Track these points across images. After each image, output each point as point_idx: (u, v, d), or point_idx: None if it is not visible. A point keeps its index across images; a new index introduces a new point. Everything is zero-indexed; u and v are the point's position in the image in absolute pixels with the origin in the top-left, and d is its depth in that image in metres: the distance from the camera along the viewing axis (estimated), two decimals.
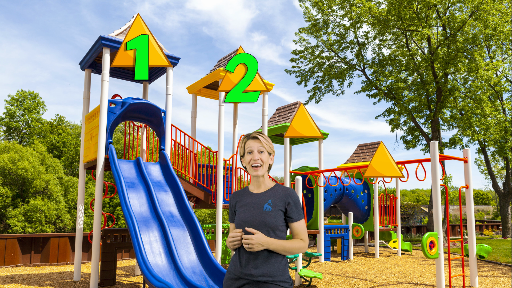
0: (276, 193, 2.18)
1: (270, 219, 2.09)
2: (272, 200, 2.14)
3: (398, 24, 14.78)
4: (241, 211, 2.16)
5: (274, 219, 2.10)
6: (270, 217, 2.09)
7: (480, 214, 45.90)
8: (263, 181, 2.22)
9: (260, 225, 2.08)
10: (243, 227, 2.11)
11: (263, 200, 2.15)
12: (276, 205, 2.13)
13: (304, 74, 17.95)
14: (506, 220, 17.14)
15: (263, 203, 2.14)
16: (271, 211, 2.11)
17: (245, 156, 2.21)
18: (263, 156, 2.17)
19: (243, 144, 2.24)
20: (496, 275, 7.86)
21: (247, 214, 2.13)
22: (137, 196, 5.85)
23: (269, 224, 2.08)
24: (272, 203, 2.13)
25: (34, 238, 9.08)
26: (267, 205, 2.12)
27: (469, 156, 7.04)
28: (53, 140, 37.25)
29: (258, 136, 2.19)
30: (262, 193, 2.19)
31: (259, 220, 2.09)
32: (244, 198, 2.22)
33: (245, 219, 2.12)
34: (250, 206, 2.16)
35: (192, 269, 5.06)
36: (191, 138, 8.13)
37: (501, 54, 17.97)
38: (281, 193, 2.17)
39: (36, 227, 25.30)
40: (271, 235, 2.08)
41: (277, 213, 2.11)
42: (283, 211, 2.14)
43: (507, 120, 15.21)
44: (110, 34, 6.76)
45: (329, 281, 7.06)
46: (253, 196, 2.20)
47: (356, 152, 12.47)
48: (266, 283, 2.03)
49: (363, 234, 10.30)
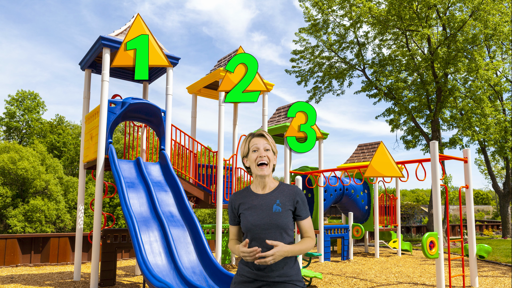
0: (283, 192, 2.10)
1: (281, 221, 2.02)
2: (281, 200, 2.06)
3: (398, 24, 14.78)
4: (248, 214, 2.06)
5: (285, 219, 2.03)
6: (281, 218, 2.02)
7: (480, 214, 45.91)
8: (269, 181, 2.12)
9: (271, 227, 2.01)
10: (253, 231, 2.01)
11: (270, 201, 2.06)
12: (285, 205, 2.05)
13: (304, 74, 17.95)
14: (506, 220, 17.14)
15: (271, 204, 2.05)
16: (281, 212, 2.03)
17: (249, 155, 2.09)
18: (269, 154, 2.09)
19: (247, 142, 2.12)
20: (496, 275, 7.86)
21: (256, 217, 2.02)
22: (137, 196, 5.85)
23: (281, 226, 2.01)
24: (281, 203, 2.06)
25: (34, 238, 9.08)
26: (276, 206, 2.05)
27: (469, 156, 7.04)
28: (53, 140, 37.25)
29: (264, 134, 2.12)
30: (269, 194, 2.09)
31: (270, 222, 2.01)
32: (249, 199, 2.10)
33: (254, 222, 2.02)
34: (257, 208, 2.05)
35: (192, 269, 5.06)
36: (191, 138, 8.13)
37: (501, 54, 17.97)
38: (288, 192, 2.10)
39: (36, 227, 25.30)
40: (283, 236, 2.03)
41: (287, 213, 2.04)
42: (292, 210, 2.07)
43: (507, 120, 15.21)
44: (110, 34, 6.76)
45: (329, 281, 7.06)
46: (259, 197, 2.09)
47: (356, 152, 12.47)
48: (284, 283, 2.00)
49: (363, 234, 10.30)
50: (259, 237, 2.00)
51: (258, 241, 2.00)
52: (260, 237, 2.00)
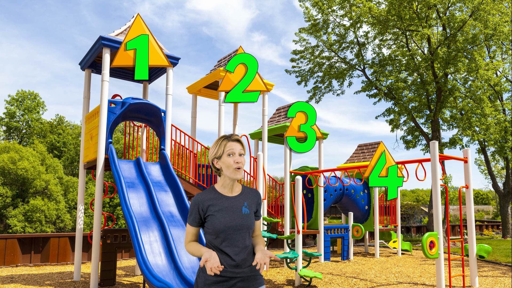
0: (248, 195, 2.28)
1: (250, 222, 2.20)
2: (248, 203, 2.24)
3: (398, 24, 14.78)
4: (219, 215, 2.15)
5: (252, 221, 2.23)
6: (250, 219, 2.21)
7: (480, 214, 45.91)
8: (236, 184, 2.28)
9: (243, 228, 2.16)
10: (226, 232, 2.13)
11: (239, 203, 2.22)
12: (251, 207, 2.25)
13: (304, 74, 17.94)
14: (506, 220, 17.14)
15: (240, 206, 2.21)
16: (249, 214, 2.21)
17: (223, 158, 2.19)
18: (243, 160, 2.22)
19: (221, 145, 2.21)
20: (496, 275, 7.86)
21: (228, 219, 2.14)
22: (137, 196, 5.85)
23: (250, 226, 2.20)
24: (248, 205, 2.24)
25: (34, 238, 9.08)
26: (245, 208, 2.21)
27: (469, 156, 7.04)
28: (53, 140, 37.25)
29: (239, 139, 2.25)
30: (237, 196, 2.25)
31: (241, 223, 2.16)
32: (219, 201, 2.19)
33: (227, 223, 2.13)
34: (229, 210, 2.17)
35: (192, 269, 5.06)
36: (191, 138, 8.13)
37: (501, 54, 17.97)
38: (253, 195, 2.29)
39: (36, 227, 25.31)
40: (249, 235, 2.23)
41: (252, 215, 2.25)
42: (254, 212, 2.28)
43: (507, 120, 15.21)
44: (110, 34, 6.76)
45: (329, 281, 7.06)
46: (229, 199, 2.22)
47: (356, 152, 12.47)
48: (254, 276, 2.18)
49: (363, 234, 10.30)
50: (231, 238, 2.14)
51: (230, 241, 2.14)
52: (232, 237, 2.14)
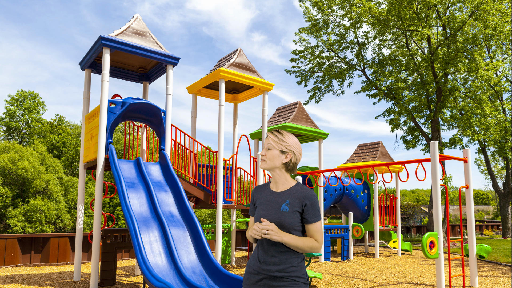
0: (294, 193, 2.20)
1: (286, 220, 2.14)
2: (290, 201, 2.17)
3: (398, 24, 14.77)
4: (260, 208, 2.23)
5: (290, 220, 2.14)
6: (286, 217, 2.14)
7: (480, 214, 45.91)
8: (280, 179, 2.26)
9: (276, 224, 2.14)
10: None
11: (281, 200, 2.20)
12: (293, 206, 2.16)
13: (304, 74, 17.94)
14: (506, 220, 17.14)
15: (281, 203, 2.18)
16: (287, 212, 2.15)
17: None
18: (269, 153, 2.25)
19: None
20: (496, 275, 7.86)
21: (265, 212, 2.19)
22: (137, 196, 5.85)
23: (285, 225, 2.13)
24: (290, 203, 2.17)
25: (34, 238, 9.08)
26: (285, 205, 2.17)
27: (469, 156, 7.04)
28: (53, 140, 37.26)
29: (269, 134, 2.29)
30: (281, 192, 2.23)
31: (275, 220, 2.15)
32: (264, 195, 2.27)
33: (262, 217, 2.18)
34: (268, 204, 2.21)
35: (192, 269, 5.06)
36: (191, 138, 8.13)
37: (501, 54, 17.97)
38: (299, 194, 2.20)
39: (36, 227, 25.31)
40: None
41: (293, 214, 2.16)
42: (300, 212, 2.18)
43: (507, 120, 15.21)
44: (110, 34, 6.76)
45: (329, 281, 7.06)
46: (273, 194, 2.24)
47: (356, 152, 12.47)
48: (282, 278, 2.11)
49: (363, 234, 10.30)
50: None
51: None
52: None
